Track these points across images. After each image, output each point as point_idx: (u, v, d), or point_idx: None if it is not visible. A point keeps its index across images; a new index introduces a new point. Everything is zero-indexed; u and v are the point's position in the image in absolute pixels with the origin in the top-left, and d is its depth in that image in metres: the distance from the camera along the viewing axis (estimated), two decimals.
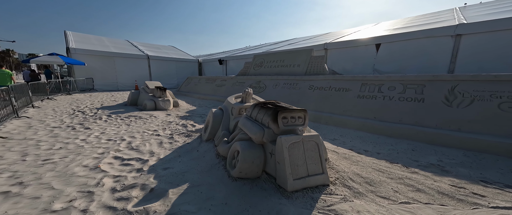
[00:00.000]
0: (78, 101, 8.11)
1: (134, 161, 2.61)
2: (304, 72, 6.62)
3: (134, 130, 4.16)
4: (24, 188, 1.93)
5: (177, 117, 5.51)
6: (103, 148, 3.07)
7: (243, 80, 8.32)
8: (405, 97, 3.83)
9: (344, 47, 8.39)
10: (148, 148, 3.07)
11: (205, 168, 2.15)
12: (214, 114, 2.95)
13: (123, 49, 14.57)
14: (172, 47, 21.73)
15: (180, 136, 3.63)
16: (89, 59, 12.30)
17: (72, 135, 3.70)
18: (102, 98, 9.22)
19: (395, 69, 6.89)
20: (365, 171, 2.10)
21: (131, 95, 7.28)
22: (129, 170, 2.35)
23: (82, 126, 4.33)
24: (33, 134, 3.72)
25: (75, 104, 7.29)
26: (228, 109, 3.01)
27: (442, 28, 5.92)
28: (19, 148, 2.99)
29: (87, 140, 3.46)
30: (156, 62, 15.37)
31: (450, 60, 5.87)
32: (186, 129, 4.21)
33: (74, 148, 3.04)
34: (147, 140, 3.50)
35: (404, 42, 6.74)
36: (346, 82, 4.97)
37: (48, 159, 2.62)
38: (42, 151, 2.89)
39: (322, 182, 1.68)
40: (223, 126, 2.80)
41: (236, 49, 24.04)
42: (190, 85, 11.64)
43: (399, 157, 2.66)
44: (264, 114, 2.01)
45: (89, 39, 15.05)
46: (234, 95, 3.45)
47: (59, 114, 5.61)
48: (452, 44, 5.80)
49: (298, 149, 1.67)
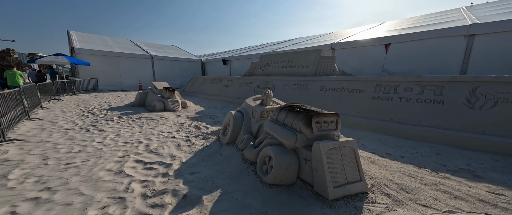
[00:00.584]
0: (85, 102, 8.09)
1: (157, 164, 2.59)
2: (313, 73, 6.58)
3: (148, 131, 4.13)
4: (54, 194, 1.91)
5: (188, 118, 5.48)
6: (122, 151, 3.05)
7: (251, 81, 8.28)
8: (423, 98, 3.79)
9: (352, 47, 8.34)
10: (167, 151, 3.05)
11: (234, 173, 2.12)
12: (235, 116, 2.91)
13: (126, 49, 14.54)
14: (174, 47, 21.68)
15: (196, 138, 3.60)
16: (93, 59, 12.27)
17: (87, 137, 3.68)
18: (108, 99, 9.20)
19: (405, 69, 6.84)
20: (396, 177, 2.07)
21: (139, 96, 7.26)
22: (154, 174, 2.33)
23: (96, 128, 4.30)
24: (49, 136, 3.70)
25: (83, 105, 7.27)
26: (248, 111, 2.98)
27: (454, 28, 5.87)
28: (38, 151, 2.97)
29: (104, 142, 3.43)
30: (160, 62, 15.33)
31: (463, 60, 5.82)
32: (200, 130, 4.18)
33: (93, 151, 3.02)
34: (164, 142, 3.47)
35: (415, 42, 6.68)
36: (359, 83, 4.93)
37: (70, 162, 2.60)
38: (62, 154, 2.86)
39: (361, 189, 1.65)
40: (245, 129, 2.76)
41: (238, 49, 23.97)
42: (195, 86, 11.60)
43: (424, 160, 2.62)
44: (293, 118, 1.98)
45: (92, 39, 15.01)
46: (252, 97, 3.42)
47: (69, 115, 5.59)
48: (465, 44, 5.75)
49: (336, 155, 1.64)
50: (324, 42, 10.12)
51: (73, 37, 13.74)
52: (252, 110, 2.89)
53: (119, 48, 14.35)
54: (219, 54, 20.78)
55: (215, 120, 5.27)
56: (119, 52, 13.49)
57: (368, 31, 10.61)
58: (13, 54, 68.02)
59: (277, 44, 17.44)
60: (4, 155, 2.77)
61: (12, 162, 2.58)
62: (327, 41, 10.17)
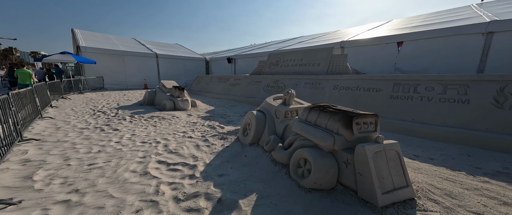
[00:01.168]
0: (93, 100, 8.06)
1: (181, 165, 2.53)
2: (325, 72, 6.48)
3: (163, 131, 4.08)
4: (83, 197, 1.85)
5: (199, 117, 5.42)
6: (142, 151, 2.99)
7: (259, 80, 8.20)
8: (447, 98, 3.69)
9: (362, 45, 8.21)
10: (187, 152, 2.99)
11: (266, 176, 2.05)
12: (257, 117, 2.84)
13: (131, 48, 14.49)
14: (178, 45, 21.61)
15: (214, 139, 3.54)
16: (99, 58, 12.23)
17: (104, 137, 3.63)
18: (115, 97, 9.16)
19: (419, 68, 6.72)
20: (434, 181, 2.00)
21: (148, 95, 7.20)
22: (180, 176, 2.27)
23: (110, 127, 4.25)
24: (65, 136, 3.65)
25: (92, 104, 7.24)
26: (271, 111, 2.90)
27: (472, 25, 5.73)
28: (58, 151, 2.92)
29: (122, 142, 3.38)
30: (165, 61, 15.27)
31: (480, 59, 5.69)
32: (216, 130, 4.12)
33: (113, 151, 2.96)
34: (182, 142, 3.41)
35: (429, 40, 6.55)
36: (375, 82, 4.83)
37: (93, 163, 2.55)
38: (82, 155, 2.81)
39: (409, 196, 1.58)
40: (269, 130, 2.69)
41: (241, 47, 23.84)
42: (201, 84, 11.53)
43: (457, 163, 2.54)
44: (328, 118, 1.90)
45: (97, 38, 14.98)
46: (273, 97, 3.34)
47: (80, 114, 5.55)
48: (483, 42, 5.61)
49: (382, 159, 1.57)
50: (331, 41, 9.99)
51: (78, 36, 13.70)
52: (275, 109, 2.81)
53: (124, 46, 14.31)
54: (223, 53, 20.68)
55: (227, 120, 5.20)
56: (124, 50, 13.45)
57: (376, 30, 10.45)
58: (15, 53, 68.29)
59: (281, 42, 17.29)
60: (24, 155, 2.72)
61: (34, 162, 2.53)
62: (333, 40, 10.03)
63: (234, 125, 4.63)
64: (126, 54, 13.48)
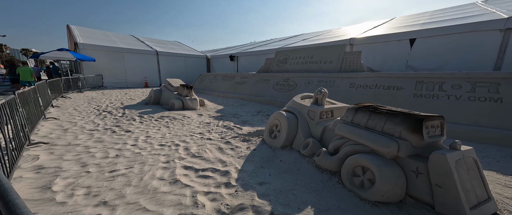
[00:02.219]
0: (94, 100, 7.73)
1: (210, 171, 2.32)
2: (338, 69, 6.31)
3: (179, 132, 3.85)
4: (114, 211, 1.64)
5: (211, 117, 5.20)
6: (163, 155, 2.77)
7: (268, 78, 7.98)
8: (477, 96, 3.56)
9: (372, 42, 8.06)
10: (212, 155, 2.78)
11: (314, 186, 1.87)
12: (288, 118, 2.64)
13: (131, 45, 14.06)
14: (177, 42, 21.16)
15: (236, 140, 3.34)
16: (97, 55, 11.80)
17: (117, 140, 3.38)
18: (117, 96, 8.83)
19: (433, 66, 6.61)
20: (497, 188, 1.85)
21: (154, 94, 6.92)
22: (214, 183, 2.07)
23: (121, 129, 4.00)
24: (75, 139, 3.39)
25: (94, 103, 6.92)
26: (302, 112, 2.71)
27: (490, 21, 5.63)
28: (71, 156, 2.67)
29: (138, 145, 3.15)
30: (165, 58, 14.89)
31: (497, 56, 5.60)
32: (234, 131, 3.91)
33: (132, 156, 2.73)
34: (202, 145, 3.20)
35: (444, 37, 6.43)
36: (396, 80, 4.68)
37: (114, 170, 2.32)
38: (100, 160, 2.58)
39: (493, 210, 1.41)
40: (304, 132, 2.50)
41: (242, 45, 23.51)
42: (204, 83, 11.25)
43: (504, 166, 2.41)
44: (384, 121, 1.72)
45: (95, 34, 14.48)
46: (300, 96, 3.16)
47: (86, 115, 5.26)
48: (500, 39, 5.52)
49: (462, 168, 1.40)
50: (337, 38, 9.82)
51: (75, 32, 13.19)
52: (307, 110, 2.62)
53: (123, 43, 13.87)
54: (224, 50, 20.34)
55: (241, 120, 4.99)
56: (124, 47, 13.03)
57: (382, 27, 10.31)
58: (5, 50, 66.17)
59: (283, 40, 17.05)
60: (36, 162, 2.48)
61: (49, 169, 2.29)
62: (339, 37, 9.87)
63: (250, 125, 4.43)
64: (126, 52, 13.07)
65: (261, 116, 5.39)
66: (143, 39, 17.36)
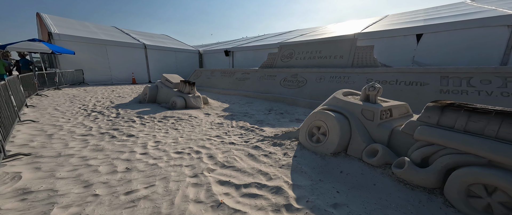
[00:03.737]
0: (77, 98, 6.79)
1: (255, 188, 1.87)
2: (350, 65, 6.06)
3: (192, 136, 3.32)
4: None
5: (220, 117, 4.69)
6: (186, 167, 2.26)
7: (273, 74, 7.55)
8: (510, 92, 3.45)
9: (378, 37, 7.94)
10: (246, 165, 2.32)
11: (412, 209, 1.48)
12: (339, 119, 2.25)
13: (115, 37, 12.80)
14: (166, 36, 19.86)
15: (265, 144, 2.89)
16: (76, 48, 10.53)
17: (120, 147, 2.78)
18: (103, 94, 7.90)
19: (439, 61, 6.62)
20: None
21: (149, 91, 6.20)
22: (270, 206, 1.62)
23: (121, 133, 3.37)
24: (64, 147, 2.73)
25: (78, 102, 6.04)
26: (353, 111, 2.34)
27: (498, 17, 5.67)
28: (67, 172, 2.06)
29: (150, 153, 2.59)
30: (154, 53, 13.81)
31: (504, 52, 5.68)
32: (255, 133, 3.46)
33: (147, 169, 2.19)
34: (227, 151, 2.72)
35: (451, 32, 6.44)
36: (418, 75, 4.51)
37: (131, 191, 1.78)
38: (107, 176, 2.00)
39: None
40: (362, 136, 2.13)
41: (234, 39, 22.74)
42: (201, 79, 10.54)
43: None
44: (499, 123, 1.37)
45: (72, 24, 12.96)
46: (340, 92, 2.79)
47: (71, 116, 4.48)
48: (508, 34, 5.59)
49: None
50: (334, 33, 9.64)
51: (48, 21, 11.67)
52: (361, 109, 2.26)
53: (105, 35, 12.57)
54: (215, 45, 19.49)
55: (255, 119, 4.54)
56: (108, 40, 11.79)
57: (379, 24, 10.29)
58: None
59: (278, 35, 16.65)
60: (18, 183, 1.84)
61: (39, 194, 1.69)
62: (338, 32, 9.70)
63: (270, 125, 4.00)
64: (110, 44, 11.85)
65: (274, 115, 4.97)
66: (128, 31, 15.98)
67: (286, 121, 4.46)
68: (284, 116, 4.83)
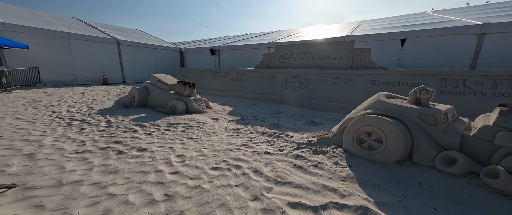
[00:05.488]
0: (38, 103, 5.58)
1: (336, 209, 1.63)
2: (349, 66, 6.25)
3: (216, 146, 2.92)
4: None
5: (231, 122, 4.32)
6: (235, 186, 1.91)
7: (272, 74, 7.37)
8: (501, 93, 3.91)
9: (366, 41, 8.43)
10: (303, 180, 2.07)
11: None
12: (396, 124, 2.17)
13: (79, 30, 11.01)
14: (139, 31, 18.02)
15: (306, 153, 2.68)
16: (29, 41, 8.75)
17: (138, 165, 2.25)
18: (73, 97, 6.69)
19: (420, 64, 7.32)
20: None
21: (139, 94, 5.42)
22: None
23: (128, 147, 2.77)
24: (61, 171, 2.08)
25: (45, 108, 4.96)
26: (409, 115, 2.25)
27: (468, 26, 6.49)
28: (88, 209, 1.52)
29: (183, 172, 2.14)
30: (129, 49, 12.35)
31: (473, 57, 6.53)
32: (283, 139, 3.21)
33: (193, 194, 1.77)
34: (268, 162, 2.43)
35: (430, 38, 7.16)
36: (418, 77, 4.84)
37: None
38: (150, 210, 1.53)
39: None
40: (429, 142, 2.06)
41: (214, 38, 21.91)
42: (189, 79, 9.77)
43: None
44: None
45: (20, 13, 10.72)
46: (383, 94, 2.75)
47: (45, 126, 3.59)
48: (476, 42, 6.44)
49: None
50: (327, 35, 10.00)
51: None
52: (418, 113, 2.22)
53: (67, 27, 10.71)
54: (197, 43, 18.46)
55: (269, 122, 4.30)
56: (71, 33, 10.07)
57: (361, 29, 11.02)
58: None
59: (262, 35, 16.58)
60: None
61: None
62: (340, 33, 10.08)
63: (290, 129, 3.80)
64: (74, 38, 10.15)
65: (285, 117, 4.79)
66: (94, 24, 13.96)
67: (302, 123, 4.32)
68: (297, 119, 4.69)
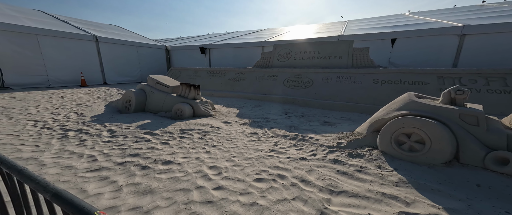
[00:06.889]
0: (10, 110, 4.82)
1: None
2: (350, 65, 6.42)
3: (245, 154, 2.75)
4: None
5: (245, 125, 4.14)
6: (292, 200, 1.78)
7: (273, 74, 7.27)
8: (493, 89, 4.30)
9: (359, 40, 8.74)
10: (356, 187, 2.01)
11: None
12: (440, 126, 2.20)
13: (49, 25, 9.72)
14: (117, 26, 16.55)
15: (342, 157, 2.64)
16: None
17: (172, 182, 2.00)
18: (51, 102, 5.92)
19: (408, 62, 7.80)
20: None
21: (136, 97, 4.95)
22: None
23: (149, 160, 2.46)
24: (84, 195, 1.74)
25: (23, 118, 4.29)
26: (449, 116, 2.28)
27: (451, 27, 7.06)
28: None
29: (226, 186, 1.95)
30: (109, 47, 11.27)
31: (455, 56, 7.15)
32: (309, 142, 3.15)
33: (253, 213, 1.60)
34: (309, 170, 2.33)
35: (418, 38, 7.66)
36: (418, 76, 5.13)
37: None
38: None
39: None
40: (476, 143, 2.12)
41: (200, 36, 21.10)
42: (181, 79, 9.23)
43: None
44: None
45: None
46: (413, 94, 2.81)
47: (34, 139, 3.07)
48: (457, 42, 7.05)
49: None
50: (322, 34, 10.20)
51: None
52: (458, 113, 2.29)
53: (34, 22, 9.38)
54: (184, 41, 17.58)
55: (284, 124, 4.21)
56: (40, 28, 8.84)
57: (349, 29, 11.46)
58: None
59: (253, 33, 16.38)
60: None
61: None
62: (334, 33, 10.29)
63: (309, 131, 3.73)
64: (44, 34, 8.94)
65: (297, 118, 4.73)
66: (65, 18, 12.46)
67: (316, 124, 4.30)
68: (309, 119, 4.66)
